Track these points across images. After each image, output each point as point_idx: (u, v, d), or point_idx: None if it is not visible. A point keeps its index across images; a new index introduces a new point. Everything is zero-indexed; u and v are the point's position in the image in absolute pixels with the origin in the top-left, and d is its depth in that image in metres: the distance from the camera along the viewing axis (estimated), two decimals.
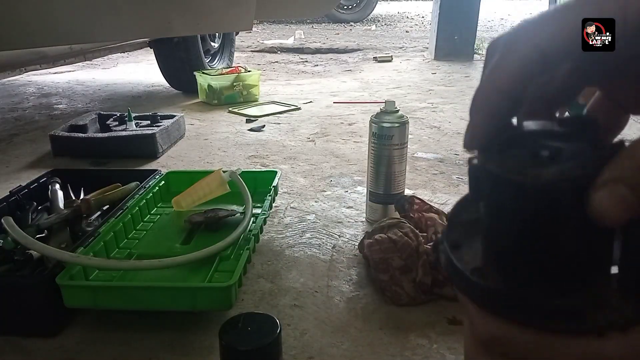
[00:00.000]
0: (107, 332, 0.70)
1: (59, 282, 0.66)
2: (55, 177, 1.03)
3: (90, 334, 0.69)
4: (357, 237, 0.93)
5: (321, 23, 6.12)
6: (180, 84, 2.37)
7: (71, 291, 0.67)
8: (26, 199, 0.95)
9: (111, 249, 0.82)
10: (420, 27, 5.74)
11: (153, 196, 1.00)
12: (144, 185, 1.00)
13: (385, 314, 0.72)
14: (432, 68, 2.99)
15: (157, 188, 1.02)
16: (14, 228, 0.72)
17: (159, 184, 1.04)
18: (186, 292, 0.68)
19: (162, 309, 0.69)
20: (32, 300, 0.68)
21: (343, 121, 1.82)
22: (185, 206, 0.97)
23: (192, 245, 0.85)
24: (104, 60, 3.43)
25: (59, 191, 0.99)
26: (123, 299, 0.68)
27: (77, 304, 0.68)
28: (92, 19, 1.27)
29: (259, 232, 0.87)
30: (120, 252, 0.84)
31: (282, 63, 3.36)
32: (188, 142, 1.60)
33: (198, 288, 0.69)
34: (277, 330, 0.57)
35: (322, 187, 1.19)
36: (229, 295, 0.66)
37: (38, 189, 0.99)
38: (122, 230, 0.87)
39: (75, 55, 2.04)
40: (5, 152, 1.54)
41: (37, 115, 2.03)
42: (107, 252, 0.81)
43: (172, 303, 0.67)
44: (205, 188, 0.97)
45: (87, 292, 0.67)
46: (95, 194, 0.97)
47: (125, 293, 0.68)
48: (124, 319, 0.71)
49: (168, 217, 0.97)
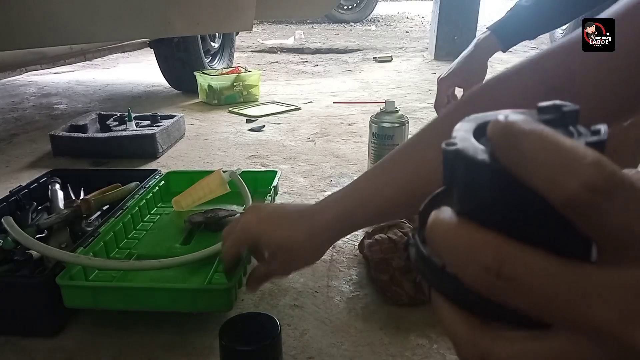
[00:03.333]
0: (107, 332, 0.70)
1: (59, 282, 0.66)
2: (55, 177, 1.03)
3: (90, 334, 0.69)
4: (357, 237, 0.93)
5: (321, 23, 6.11)
6: (180, 84, 2.37)
7: (71, 291, 0.67)
8: (26, 199, 0.95)
9: (111, 249, 0.82)
10: (420, 27, 5.74)
11: (153, 196, 1.00)
12: (144, 185, 1.00)
13: (385, 314, 0.72)
14: (432, 68, 2.99)
15: (157, 188, 1.02)
16: (14, 228, 0.72)
17: (158, 184, 1.04)
18: (186, 293, 0.68)
19: (162, 309, 0.69)
20: (32, 301, 0.68)
21: (343, 121, 1.82)
22: (185, 206, 0.97)
23: (192, 246, 0.85)
24: (104, 60, 3.43)
25: (59, 191, 0.99)
26: (123, 299, 0.68)
27: (77, 304, 0.67)
28: (92, 19, 1.27)
29: None
30: (120, 252, 0.84)
31: (282, 63, 3.36)
32: (188, 142, 1.60)
33: (198, 290, 0.69)
34: (277, 330, 0.57)
35: (322, 187, 1.19)
36: (228, 296, 0.66)
37: (38, 189, 0.99)
38: (122, 230, 0.86)
39: (75, 55, 2.04)
40: (5, 152, 1.54)
41: (37, 115, 2.03)
42: (107, 252, 0.80)
43: (172, 304, 0.67)
44: (205, 188, 0.97)
45: (87, 292, 0.67)
46: (95, 194, 0.97)
47: (125, 293, 0.68)
48: (123, 319, 0.71)
49: (168, 217, 0.96)
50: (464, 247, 0.19)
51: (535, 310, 0.18)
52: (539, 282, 0.17)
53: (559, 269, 0.17)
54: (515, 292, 0.18)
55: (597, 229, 0.17)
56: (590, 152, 0.17)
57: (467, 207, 0.20)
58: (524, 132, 0.17)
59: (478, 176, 0.19)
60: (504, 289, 0.18)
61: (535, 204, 0.18)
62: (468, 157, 0.19)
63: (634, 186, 0.17)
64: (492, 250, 0.18)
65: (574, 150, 0.17)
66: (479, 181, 0.19)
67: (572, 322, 0.18)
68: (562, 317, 0.18)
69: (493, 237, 0.18)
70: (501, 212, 0.19)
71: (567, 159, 0.17)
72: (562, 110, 0.20)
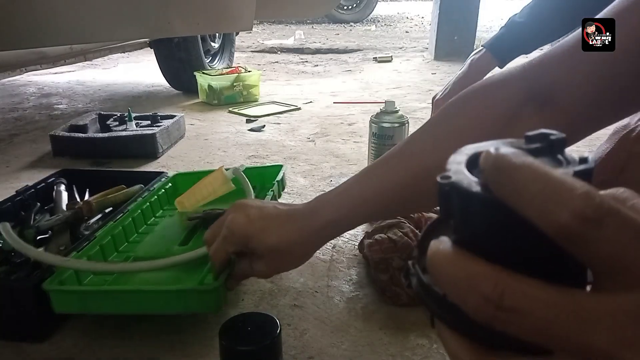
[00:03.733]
0: (105, 333, 0.70)
1: (47, 287, 0.64)
2: (61, 177, 1.02)
3: (88, 335, 0.69)
4: (357, 237, 0.93)
5: (321, 23, 6.12)
6: (181, 84, 2.37)
7: (59, 296, 0.65)
8: (32, 199, 0.94)
9: (109, 253, 0.80)
10: (420, 28, 5.74)
11: (158, 198, 0.98)
12: (149, 188, 0.98)
13: (385, 314, 0.72)
14: (432, 68, 2.99)
15: (162, 190, 1.00)
16: (9, 233, 0.71)
17: (164, 186, 1.01)
18: (172, 294, 0.65)
19: (151, 312, 0.67)
20: (21, 305, 0.66)
21: (343, 121, 1.82)
22: (189, 206, 0.95)
23: (189, 246, 0.83)
24: (104, 60, 3.43)
25: (63, 192, 0.98)
26: (112, 303, 0.66)
27: (66, 309, 0.65)
28: (92, 19, 1.27)
29: None
30: (119, 255, 0.82)
31: (282, 63, 3.36)
32: (188, 142, 1.60)
33: (184, 291, 0.66)
34: (277, 330, 0.57)
35: (322, 187, 1.19)
36: (216, 297, 0.63)
37: (45, 190, 0.98)
38: (122, 234, 0.85)
39: (75, 55, 2.05)
40: (5, 152, 1.54)
41: (37, 115, 2.03)
42: (105, 255, 0.78)
43: (159, 306, 0.65)
44: (209, 187, 0.95)
45: (74, 297, 0.65)
46: (98, 196, 0.96)
47: (112, 297, 0.66)
48: (123, 320, 0.71)
49: (172, 219, 0.94)
50: (464, 279, 0.19)
51: (536, 338, 0.18)
52: (539, 312, 0.18)
53: (557, 299, 0.18)
54: (516, 322, 0.18)
55: (589, 257, 0.18)
56: (579, 183, 0.18)
57: (465, 237, 0.20)
58: (515, 165, 0.18)
59: (473, 208, 0.20)
60: (505, 319, 0.18)
61: (530, 234, 0.18)
62: (462, 190, 0.19)
63: (621, 215, 0.18)
64: (491, 281, 0.19)
65: (563, 182, 0.18)
66: (475, 212, 0.20)
67: (571, 349, 0.18)
68: (562, 344, 0.18)
69: (492, 269, 0.19)
70: (498, 242, 0.19)
71: (558, 190, 0.18)
72: (549, 139, 0.20)
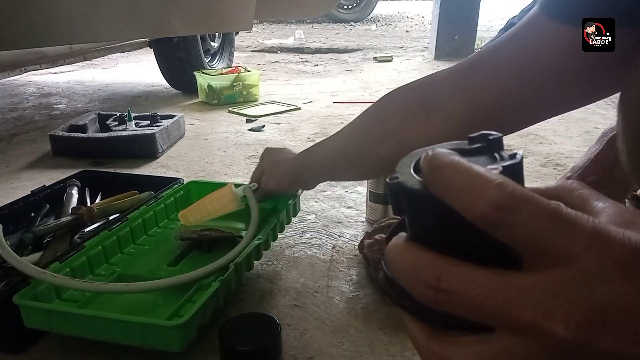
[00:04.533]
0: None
1: (16, 301, 0.61)
2: (76, 180, 0.99)
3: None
4: (357, 237, 0.93)
5: (321, 23, 6.12)
6: (180, 84, 2.37)
7: (28, 311, 0.62)
8: (45, 200, 0.92)
9: (97, 265, 0.75)
10: (420, 27, 5.74)
11: (165, 207, 0.91)
12: (157, 196, 0.92)
13: (385, 314, 0.72)
14: (433, 68, 2.99)
15: (172, 199, 0.93)
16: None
17: (175, 194, 0.94)
18: (133, 326, 0.59)
19: (110, 340, 0.61)
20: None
21: (343, 121, 1.82)
22: (193, 221, 0.88)
23: (178, 268, 0.77)
24: (104, 60, 3.43)
25: (74, 195, 0.95)
26: (75, 325, 0.61)
27: (34, 325, 0.62)
28: (92, 19, 1.27)
29: (250, 261, 0.75)
30: (108, 267, 0.76)
31: (282, 63, 3.36)
32: (188, 142, 1.60)
33: (146, 324, 0.59)
34: (277, 330, 0.57)
35: (322, 187, 1.19)
36: (177, 336, 0.57)
37: (59, 191, 0.95)
38: (116, 245, 0.79)
39: (75, 55, 2.05)
40: (5, 152, 1.54)
41: (37, 115, 2.03)
42: (91, 268, 0.73)
43: (118, 336, 0.60)
44: (216, 203, 0.88)
45: (41, 315, 0.61)
46: (104, 201, 0.92)
47: (75, 319, 0.61)
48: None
49: (173, 232, 0.87)
50: (410, 267, 0.22)
51: (473, 315, 0.20)
52: (471, 292, 0.20)
53: (487, 279, 0.20)
54: (453, 302, 0.21)
55: (511, 241, 0.20)
56: (495, 175, 0.20)
57: (415, 231, 0.23)
58: (443, 163, 0.21)
59: (417, 204, 0.22)
60: (445, 300, 0.21)
61: (461, 223, 0.20)
62: (407, 188, 0.22)
63: (534, 200, 0.20)
64: (430, 267, 0.21)
65: (481, 175, 0.20)
66: (419, 208, 0.23)
67: (504, 324, 0.20)
68: (495, 319, 0.20)
69: (432, 256, 0.21)
70: (440, 233, 0.22)
71: (477, 183, 0.20)
72: (488, 139, 0.23)
